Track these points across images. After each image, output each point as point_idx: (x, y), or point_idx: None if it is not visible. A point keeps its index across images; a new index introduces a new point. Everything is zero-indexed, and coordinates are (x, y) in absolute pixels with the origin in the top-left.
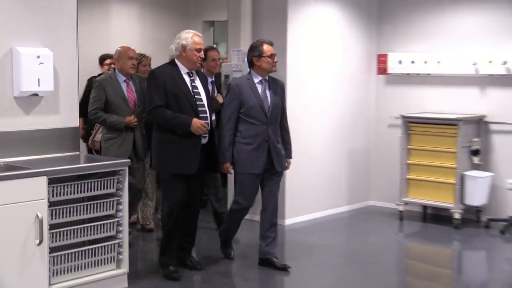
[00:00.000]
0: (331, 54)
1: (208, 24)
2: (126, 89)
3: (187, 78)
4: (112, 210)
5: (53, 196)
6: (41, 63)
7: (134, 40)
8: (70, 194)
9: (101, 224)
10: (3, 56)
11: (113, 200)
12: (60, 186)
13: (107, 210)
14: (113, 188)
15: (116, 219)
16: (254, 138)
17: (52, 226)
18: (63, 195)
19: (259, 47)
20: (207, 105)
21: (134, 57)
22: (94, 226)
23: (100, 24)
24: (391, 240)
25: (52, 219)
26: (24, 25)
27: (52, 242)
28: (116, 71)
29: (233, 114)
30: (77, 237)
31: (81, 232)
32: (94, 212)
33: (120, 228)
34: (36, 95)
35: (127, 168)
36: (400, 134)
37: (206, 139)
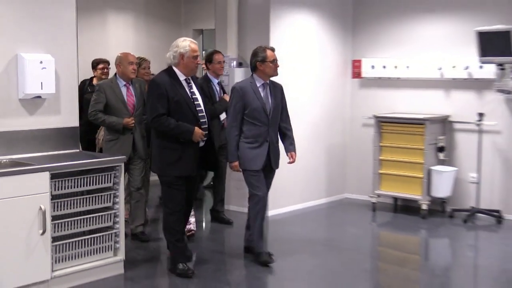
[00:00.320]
0: (310, 60)
1: (197, 32)
2: (126, 93)
3: (185, 85)
4: (109, 202)
5: (55, 190)
6: (43, 68)
7: (129, 47)
8: (71, 188)
9: (99, 215)
10: (9, 61)
11: (110, 194)
12: (62, 180)
13: (104, 203)
14: (110, 182)
15: (113, 211)
16: (256, 138)
17: (54, 217)
18: (64, 189)
19: (263, 53)
20: (204, 109)
21: (134, 62)
22: (93, 217)
23: (98, 32)
24: (365, 229)
25: (54, 211)
26: (28, 33)
27: (54, 232)
28: (117, 76)
29: (238, 115)
30: (77, 227)
31: (81, 223)
32: (92, 205)
33: (117, 219)
34: (39, 97)
35: (122, 165)
36: (373, 132)
37: (203, 142)
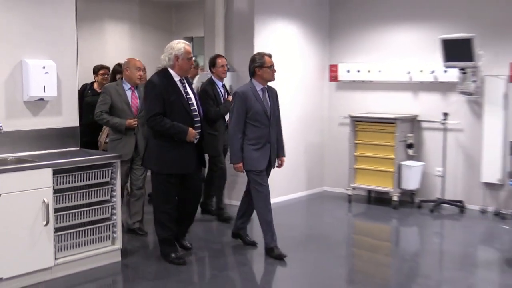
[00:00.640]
0: (291, 65)
1: (188, 39)
2: (131, 95)
3: (180, 85)
4: (107, 196)
5: (57, 185)
6: (46, 72)
7: (125, 53)
8: (72, 182)
9: (98, 208)
10: (14, 67)
11: (107, 188)
12: (63, 176)
13: (102, 196)
14: (107, 177)
15: (110, 204)
16: (258, 139)
17: (57, 210)
18: (66, 183)
19: (261, 59)
20: (197, 108)
21: (142, 68)
22: (92, 209)
23: (96, 39)
24: (342, 219)
25: (56, 204)
26: (32, 40)
27: (56, 223)
28: (123, 80)
29: (241, 119)
30: (77, 219)
31: (81, 214)
32: (92, 198)
33: (114, 211)
34: (42, 99)
35: (119, 161)
36: (348, 131)
37: (196, 140)
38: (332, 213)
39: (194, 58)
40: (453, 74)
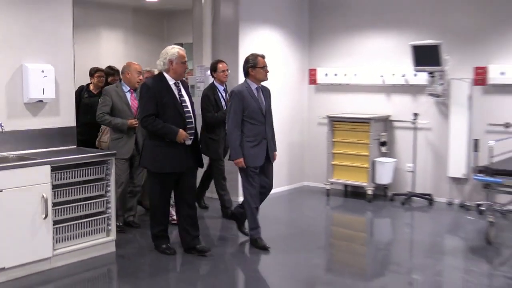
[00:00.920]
0: (273, 69)
1: (178, 45)
2: (130, 97)
3: (174, 88)
4: (102, 191)
5: (55, 180)
6: (45, 76)
7: (119, 58)
8: (69, 178)
9: (93, 202)
10: (15, 70)
11: (103, 183)
12: (61, 172)
13: (98, 191)
14: (102, 174)
15: (105, 198)
16: (255, 136)
17: (55, 204)
18: (63, 179)
19: (254, 60)
20: (191, 110)
21: (141, 72)
22: (88, 203)
23: (92, 45)
24: (320, 211)
25: (55, 198)
26: (32, 46)
27: (55, 216)
28: (122, 82)
29: (239, 117)
30: (74, 212)
31: (78, 208)
32: (88, 193)
33: (109, 205)
34: (41, 101)
35: (113, 159)
36: (326, 130)
37: (190, 141)
38: (312, 206)
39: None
40: (422, 78)
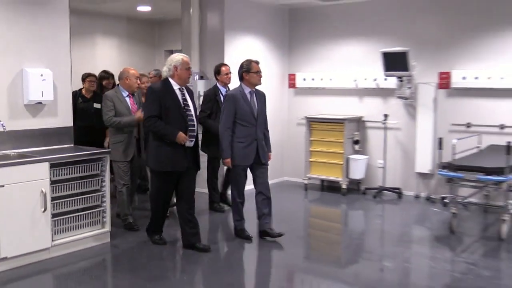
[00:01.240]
0: None
1: (168, 52)
2: (129, 101)
3: (178, 93)
4: (98, 186)
5: (53, 176)
6: (44, 79)
7: (113, 64)
8: (66, 174)
9: (89, 196)
10: (16, 74)
11: (98, 179)
12: (59, 169)
13: (93, 186)
14: (98, 170)
15: (100, 193)
16: (246, 137)
17: (53, 198)
18: (61, 175)
19: (248, 65)
20: (194, 114)
21: (139, 77)
22: (84, 198)
23: (88, 51)
24: (299, 204)
25: (53, 193)
26: (31, 52)
27: (53, 209)
28: (120, 87)
29: (230, 119)
30: (72, 206)
31: (75, 202)
32: (84, 188)
33: (104, 199)
34: (40, 103)
35: (108, 156)
36: (304, 130)
37: (192, 143)
38: (291, 199)
39: None
40: (392, 82)
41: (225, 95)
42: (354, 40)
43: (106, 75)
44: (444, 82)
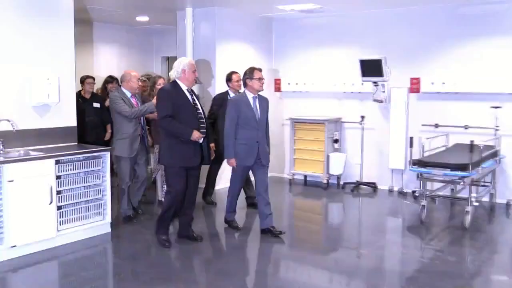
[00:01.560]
0: None
1: (164, 58)
2: (133, 101)
3: (188, 94)
4: (99, 180)
5: (58, 172)
6: (50, 83)
7: (114, 69)
8: (70, 170)
9: (91, 190)
10: (25, 78)
11: (99, 174)
12: (64, 165)
13: (95, 181)
14: (99, 166)
15: (101, 187)
16: (248, 140)
17: (59, 192)
18: (66, 171)
19: (251, 72)
20: (203, 113)
21: (140, 79)
22: (87, 191)
23: (91, 58)
24: (284, 197)
25: (58, 187)
26: (39, 58)
27: (58, 202)
28: (123, 89)
29: (234, 122)
30: (75, 199)
31: (78, 195)
32: (86, 182)
33: (104, 192)
34: (46, 105)
35: (108, 153)
36: (289, 129)
37: (201, 141)
38: (277, 193)
39: (169, 73)
40: (368, 86)
41: (229, 100)
42: (334, 48)
43: (111, 80)
44: (415, 86)
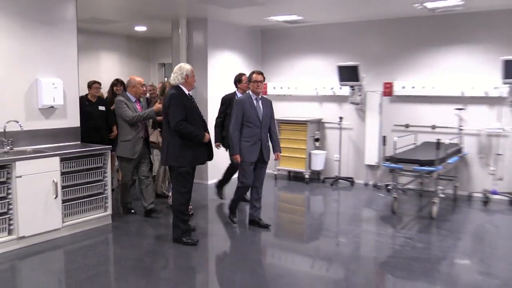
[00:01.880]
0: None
1: (161, 65)
2: (137, 106)
3: (190, 98)
4: (101, 177)
5: (63, 168)
6: (55, 87)
7: (114, 75)
8: (74, 167)
9: (93, 185)
10: (32, 83)
11: (101, 171)
12: (68, 162)
13: (97, 177)
14: (101, 163)
15: (103, 182)
16: (251, 137)
17: (63, 187)
18: (70, 168)
19: (252, 75)
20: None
21: (144, 84)
22: (89, 186)
23: (93, 64)
24: (270, 191)
25: (63, 182)
26: (45, 64)
27: (63, 196)
28: (128, 94)
29: (239, 121)
30: (79, 193)
31: (81, 190)
32: (89, 178)
33: (106, 187)
34: (52, 107)
35: (109, 151)
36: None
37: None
38: (263, 187)
39: (166, 79)
40: (345, 90)
41: (234, 100)
42: (315, 56)
43: (117, 82)
44: (388, 90)
